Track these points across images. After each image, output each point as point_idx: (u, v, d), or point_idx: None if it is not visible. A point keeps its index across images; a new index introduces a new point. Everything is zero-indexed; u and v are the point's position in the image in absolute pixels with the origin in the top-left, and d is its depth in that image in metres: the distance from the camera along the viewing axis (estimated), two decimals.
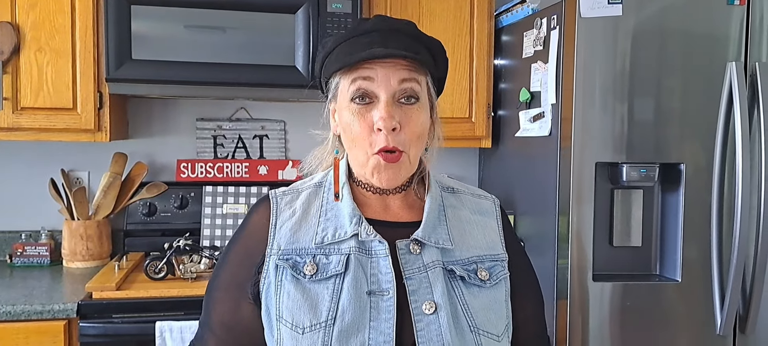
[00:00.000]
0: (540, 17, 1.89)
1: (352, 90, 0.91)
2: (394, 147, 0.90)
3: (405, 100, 0.91)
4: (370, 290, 0.89)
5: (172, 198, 2.27)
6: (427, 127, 0.96)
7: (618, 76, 1.68)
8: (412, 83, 0.91)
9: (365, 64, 0.90)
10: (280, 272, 0.92)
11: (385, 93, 0.90)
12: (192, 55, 1.93)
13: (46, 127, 1.94)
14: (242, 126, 2.41)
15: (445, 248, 0.94)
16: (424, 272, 0.91)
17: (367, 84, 0.90)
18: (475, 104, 2.21)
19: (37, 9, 1.91)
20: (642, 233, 1.79)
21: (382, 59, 0.90)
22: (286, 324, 0.89)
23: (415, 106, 0.92)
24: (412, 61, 0.91)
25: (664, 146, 1.70)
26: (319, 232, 0.94)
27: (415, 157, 0.95)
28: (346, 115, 0.93)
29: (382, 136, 0.90)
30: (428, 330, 0.87)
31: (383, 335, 0.86)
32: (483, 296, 0.93)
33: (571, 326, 1.71)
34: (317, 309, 0.88)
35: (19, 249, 2.14)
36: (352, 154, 0.96)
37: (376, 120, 0.90)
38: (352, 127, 0.92)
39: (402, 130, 0.90)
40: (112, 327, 1.71)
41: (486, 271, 0.95)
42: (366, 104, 0.91)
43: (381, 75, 0.90)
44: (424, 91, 0.94)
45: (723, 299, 1.71)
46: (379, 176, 0.93)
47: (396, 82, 0.90)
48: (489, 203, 1.05)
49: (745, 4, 1.70)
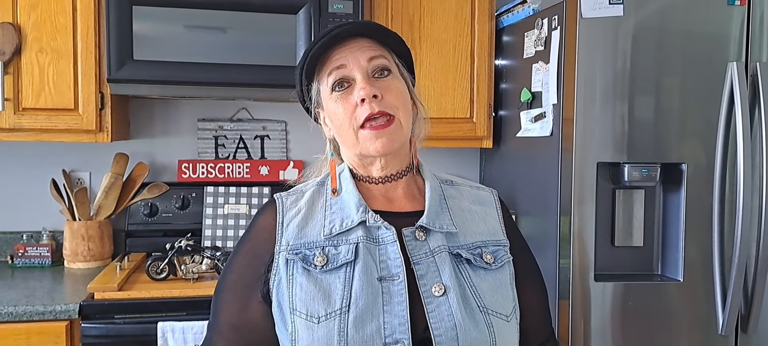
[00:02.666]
0: (541, 17, 1.89)
1: (331, 82, 0.98)
2: (380, 111, 0.95)
3: (378, 74, 0.98)
4: (380, 276, 0.91)
5: (173, 198, 2.27)
6: (408, 98, 1.01)
7: (619, 76, 1.68)
8: (381, 59, 0.98)
9: (335, 55, 0.97)
10: (291, 266, 0.94)
11: (359, 71, 0.97)
12: (193, 56, 1.93)
13: (47, 127, 1.94)
14: (243, 126, 2.41)
15: (450, 233, 0.97)
16: (430, 256, 0.94)
17: (342, 71, 0.97)
18: (477, 104, 2.21)
19: (39, 9, 1.91)
20: (643, 233, 1.79)
21: (347, 45, 0.97)
22: (301, 316, 0.90)
23: (389, 78, 0.99)
24: (374, 41, 0.99)
25: (665, 146, 1.71)
26: (327, 224, 0.97)
27: (406, 122, 0.99)
28: (331, 106, 0.99)
29: (365, 106, 0.95)
30: (439, 311, 0.89)
31: (398, 319, 0.88)
32: (489, 278, 0.96)
33: (573, 325, 1.71)
34: (331, 298, 0.90)
35: (20, 250, 2.14)
36: (344, 141, 1.00)
37: (356, 94, 0.95)
38: (338, 113, 0.98)
39: (384, 98, 0.96)
40: (114, 328, 1.71)
41: (490, 255, 0.98)
42: (345, 89, 0.98)
43: (351, 59, 0.97)
44: (395, 67, 1.01)
45: (725, 299, 1.71)
46: (374, 145, 0.96)
47: (365, 61, 0.97)
48: (488, 193, 1.08)
49: (745, 4, 1.70)
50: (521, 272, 1.01)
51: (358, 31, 0.98)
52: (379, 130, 0.95)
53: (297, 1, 1.97)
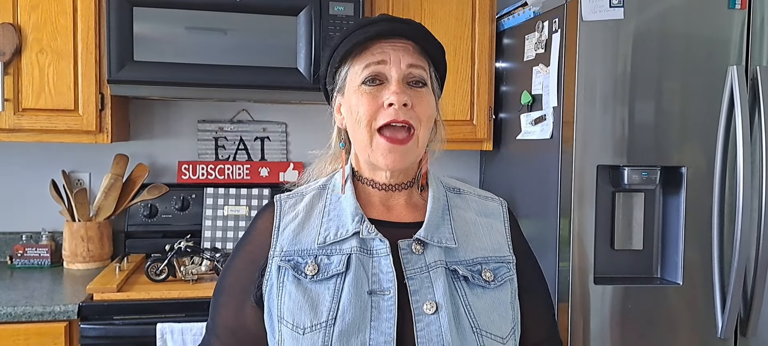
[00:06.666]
0: (541, 20, 1.89)
1: (365, 74, 0.93)
2: (405, 120, 0.91)
3: (413, 83, 0.94)
4: (371, 290, 0.89)
5: (173, 200, 2.27)
6: (434, 114, 0.98)
7: (619, 79, 1.69)
8: (420, 70, 0.94)
9: (377, 49, 0.93)
10: (282, 273, 0.92)
11: (396, 73, 0.92)
12: (194, 57, 1.93)
13: (47, 128, 1.94)
14: (244, 128, 2.41)
15: (449, 248, 0.94)
16: (426, 271, 0.90)
17: (380, 67, 0.93)
18: (477, 107, 2.21)
19: (39, 10, 1.91)
20: (643, 236, 1.78)
21: (392, 41, 0.93)
22: (287, 325, 0.89)
23: (423, 90, 0.95)
24: (418, 49, 0.95)
25: (665, 149, 1.71)
26: (322, 232, 0.94)
27: (423, 140, 0.95)
28: (354, 99, 0.94)
29: (391, 111, 0.90)
30: (428, 330, 0.86)
31: (384, 335, 0.86)
32: (487, 297, 0.92)
33: (573, 329, 1.71)
34: (318, 309, 0.88)
35: (19, 250, 2.14)
36: (356, 138, 0.96)
37: (387, 97, 0.91)
38: (359, 109, 0.93)
39: (413, 108, 0.92)
40: (113, 329, 1.70)
41: (491, 272, 0.94)
42: (377, 86, 0.93)
43: (393, 57, 0.93)
44: (430, 81, 0.97)
45: (724, 302, 1.71)
46: (386, 159, 0.92)
47: (405, 66, 0.93)
48: (496, 204, 1.04)
49: (746, 8, 1.70)
50: (525, 287, 0.98)
51: (405, 33, 0.94)
52: (395, 144, 0.91)
53: (297, 3, 1.97)
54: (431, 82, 0.98)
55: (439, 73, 1.01)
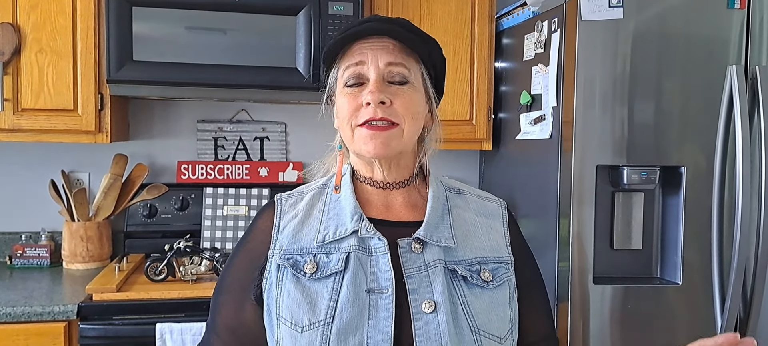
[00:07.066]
0: (541, 20, 1.89)
1: (346, 76, 0.95)
2: (383, 118, 0.92)
3: (395, 82, 0.94)
4: (369, 288, 0.89)
5: (172, 200, 2.26)
6: (423, 110, 0.98)
7: (619, 79, 1.69)
8: (401, 68, 0.94)
9: (357, 50, 0.94)
10: (281, 271, 0.92)
11: (375, 72, 0.93)
12: (193, 57, 1.93)
13: (46, 128, 1.93)
14: (243, 128, 2.41)
15: (448, 247, 0.94)
16: (424, 270, 0.91)
17: (359, 68, 0.94)
18: (476, 107, 2.22)
19: (39, 10, 1.91)
20: (643, 236, 1.79)
21: (372, 41, 0.94)
22: (286, 323, 0.89)
23: (405, 87, 0.95)
24: (401, 47, 0.94)
25: (664, 149, 1.71)
26: (321, 230, 0.95)
27: (410, 133, 0.95)
28: (340, 100, 0.97)
29: (370, 109, 0.92)
30: (426, 329, 0.87)
31: (381, 334, 0.86)
32: (485, 296, 0.92)
33: (572, 328, 1.71)
34: (316, 307, 0.88)
35: (19, 250, 2.14)
36: (344, 137, 0.98)
37: (364, 96, 0.92)
38: (343, 109, 0.95)
39: (393, 104, 0.93)
40: (112, 329, 1.70)
41: (489, 272, 0.94)
42: (358, 87, 0.94)
43: (371, 57, 0.94)
44: (417, 79, 0.97)
45: (723, 302, 1.71)
46: (367, 146, 0.93)
47: (384, 65, 0.93)
48: (495, 205, 1.04)
49: (745, 8, 1.70)
50: (524, 289, 0.98)
51: (383, 31, 0.94)
52: (375, 131, 0.92)
53: (297, 2, 1.97)
54: (423, 80, 0.98)
55: (435, 69, 1.01)
